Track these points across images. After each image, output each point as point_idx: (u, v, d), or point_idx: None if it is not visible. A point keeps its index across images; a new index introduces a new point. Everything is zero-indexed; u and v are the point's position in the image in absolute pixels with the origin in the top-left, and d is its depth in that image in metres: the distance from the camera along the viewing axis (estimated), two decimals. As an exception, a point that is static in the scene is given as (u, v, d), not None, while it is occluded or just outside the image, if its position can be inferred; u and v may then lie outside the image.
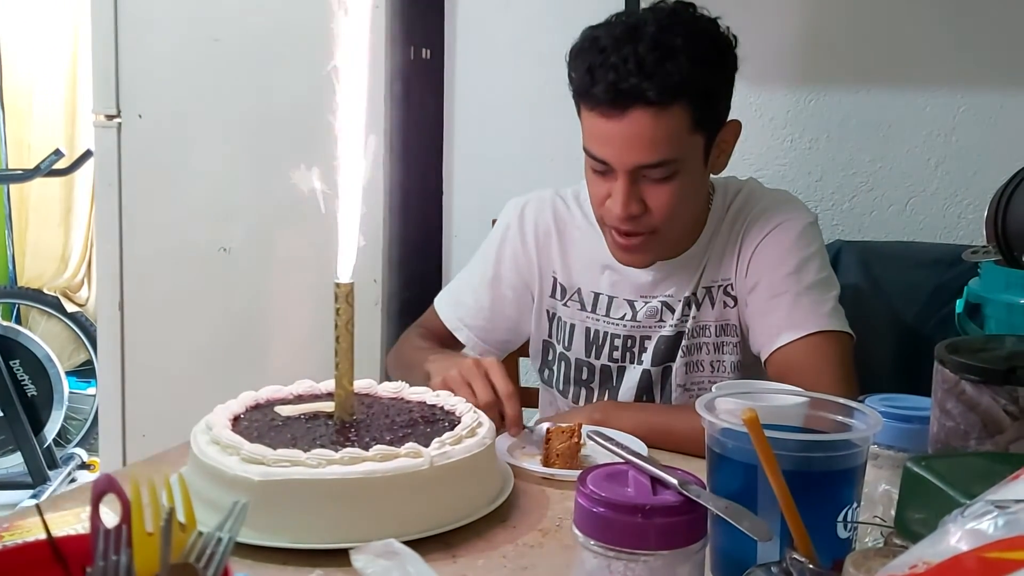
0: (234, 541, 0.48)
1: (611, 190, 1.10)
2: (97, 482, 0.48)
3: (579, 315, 1.27)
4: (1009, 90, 1.58)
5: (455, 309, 1.32)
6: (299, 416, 0.89)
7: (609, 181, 1.10)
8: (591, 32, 1.10)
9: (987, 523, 0.34)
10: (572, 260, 1.27)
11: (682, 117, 1.06)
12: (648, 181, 1.09)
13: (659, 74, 1.03)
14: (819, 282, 1.16)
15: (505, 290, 1.30)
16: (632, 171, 1.08)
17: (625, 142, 1.06)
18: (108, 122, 1.93)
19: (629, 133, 1.05)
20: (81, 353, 3.23)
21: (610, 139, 1.07)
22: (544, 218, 1.29)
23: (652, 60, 1.03)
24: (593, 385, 1.28)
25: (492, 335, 1.31)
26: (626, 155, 1.07)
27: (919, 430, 0.75)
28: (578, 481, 0.62)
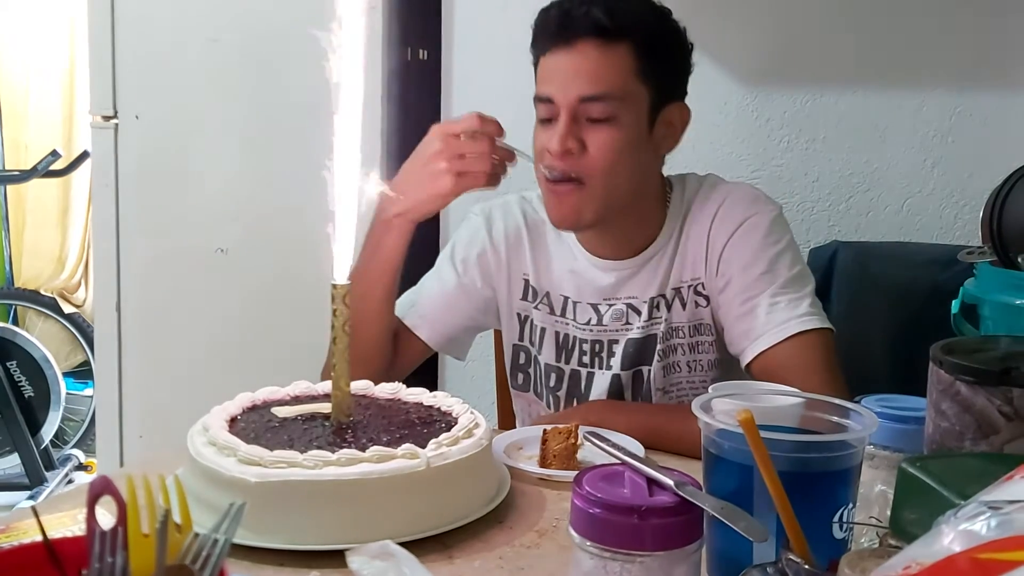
0: (230, 543, 0.48)
1: (551, 135, 1.11)
2: (93, 484, 0.48)
3: (549, 319, 1.25)
4: (1005, 91, 1.58)
5: (411, 296, 1.30)
6: (296, 417, 0.89)
7: (553, 127, 1.11)
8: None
9: (980, 524, 0.34)
10: (542, 262, 1.26)
11: (627, 57, 1.09)
12: (589, 124, 1.10)
13: (608, 4, 1.08)
14: (793, 278, 1.13)
15: (468, 286, 1.27)
16: (574, 107, 1.09)
17: (571, 72, 1.09)
18: (105, 123, 1.93)
19: (576, 63, 1.09)
20: (78, 354, 3.22)
21: (557, 71, 1.11)
22: (513, 220, 1.28)
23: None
24: (560, 393, 1.25)
25: (441, 325, 1.27)
26: (570, 85, 1.09)
27: (915, 431, 0.75)
28: (574, 482, 0.62)
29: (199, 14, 1.86)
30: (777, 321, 1.10)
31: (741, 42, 1.71)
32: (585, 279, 1.22)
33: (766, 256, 1.13)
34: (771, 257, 1.13)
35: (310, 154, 0.89)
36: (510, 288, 1.27)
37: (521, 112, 1.88)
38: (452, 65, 1.91)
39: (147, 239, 1.95)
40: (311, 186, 0.89)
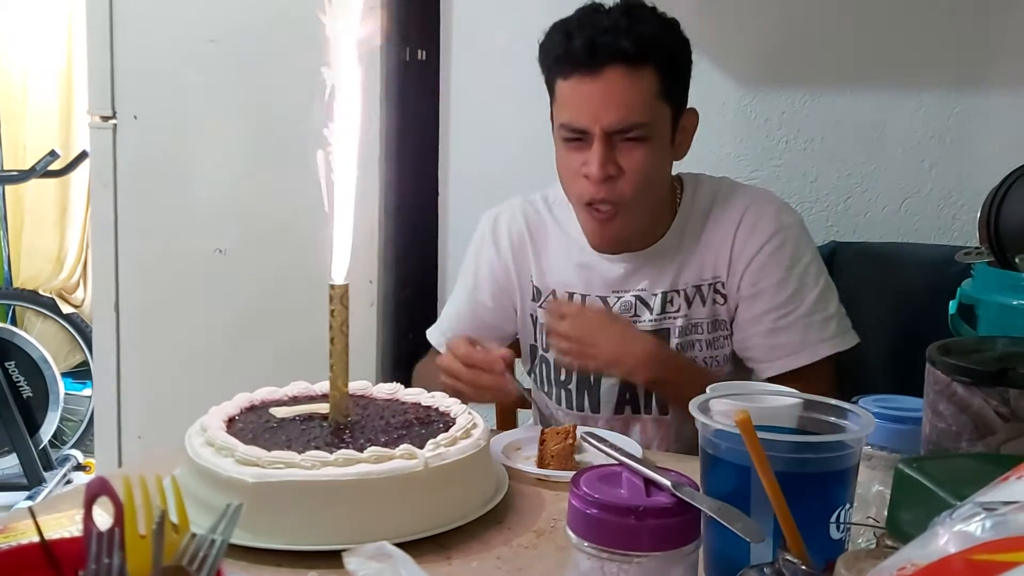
0: (227, 543, 0.49)
1: (586, 159, 1.13)
2: (90, 485, 0.48)
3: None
4: (1003, 92, 1.58)
5: (439, 326, 1.37)
6: (294, 418, 0.89)
7: (584, 151, 1.13)
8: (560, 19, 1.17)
9: (975, 525, 0.34)
10: (545, 263, 1.29)
11: (652, 81, 1.12)
12: (622, 144, 1.13)
13: (633, 32, 1.10)
14: (822, 292, 1.21)
15: (485, 299, 1.32)
16: (607, 134, 1.11)
17: (602, 101, 1.11)
18: (103, 123, 1.93)
19: (605, 92, 1.11)
20: (77, 354, 3.22)
21: (587, 100, 1.12)
22: (516, 225, 1.31)
23: (625, 21, 1.11)
24: (571, 386, 1.28)
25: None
26: (603, 115, 1.11)
27: (912, 431, 0.75)
28: (572, 483, 0.62)
29: (197, 14, 1.85)
30: (812, 341, 1.18)
31: (739, 43, 1.71)
32: (595, 272, 1.25)
33: (797, 272, 1.20)
34: (801, 273, 1.20)
35: (308, 155, 0.89)
36: (521, 293, 1.31)
37: (517, 113, 1.88)
38: (451, 65, 1.91)
39: (145, 239, 1.94)
40: (309, 187, 0.89)
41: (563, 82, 1.14)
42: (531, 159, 1.87)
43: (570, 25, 1.13)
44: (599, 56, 1.10)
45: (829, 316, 1.20)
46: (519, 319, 1.33)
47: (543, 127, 1.86)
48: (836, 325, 1.20)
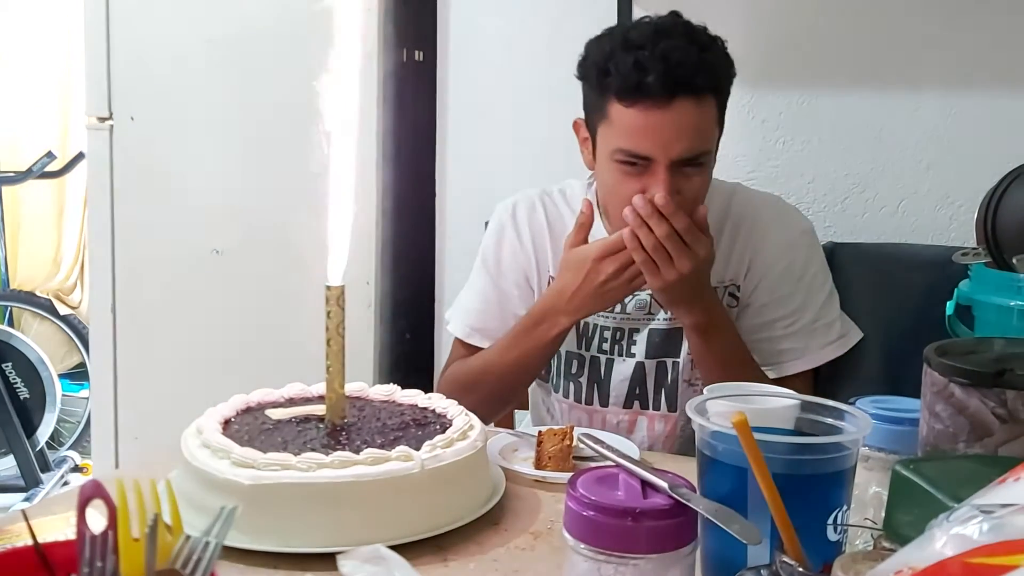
0: (221, 546, 0.48)
1: (646, 186, 1.11)
2: (84, 487, 0.48)
3: None
4: (1001, 92, 1.58)
5: (464, 318, 1.34)
6: (290, 419, 0.89)
7: (644, 178, 1.12)
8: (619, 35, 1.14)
9: (972, 528, 0.34)
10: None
11: (712, 109, 1.13)
12: (683, 174, 1.13)
13: (704, 64, 1.10)
14: (828, 297, 1.26)
15: (509, 287, 1.32)
16: (674, 163, 1.11)
17: (672, 133, 1.10)
18: (100, 124, 1.92)
19: (676, 123, 1.10)
20: (74, 356, 3.21)
21: (657, 130, 1.10)
22: (536, 216, 1.32)
23: (695, 51, 1.10)
24: (582, 379, 1.29)
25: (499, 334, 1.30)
26: (673, 145, 1.10)
27: (910, 432, 0.75)
28: (568, 484, 0.62)
29: (195, 16, 1.85)
30: (815, 347, 1.23)
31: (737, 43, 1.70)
32: None
33: (807, 281, 1.25)
34: (810, 282, 1.25)
35: (306, 156, 0.88)
36: (540, 284, 1.31)
37: (515, 114, 1.88)
38: (448, 66, 1.91)
39: (142, 241, 1.94)
40: (307, 188, 0.89)
41: (623, 108, 1.11)
42: (529, 160, 1.87)
43: (640, 56, 1.09)
44: (672, 89, 1.09)
45: (832, 321, 1.25)
46: None
47: (542, 127, 1.86)
48: (839, 328, 1.25)
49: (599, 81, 1.13)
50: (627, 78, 1.10)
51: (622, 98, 1.11)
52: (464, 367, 1.30)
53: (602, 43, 1.15)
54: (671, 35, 1.11)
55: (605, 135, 1.15)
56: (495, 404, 1.30)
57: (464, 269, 1.91)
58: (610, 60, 1.12)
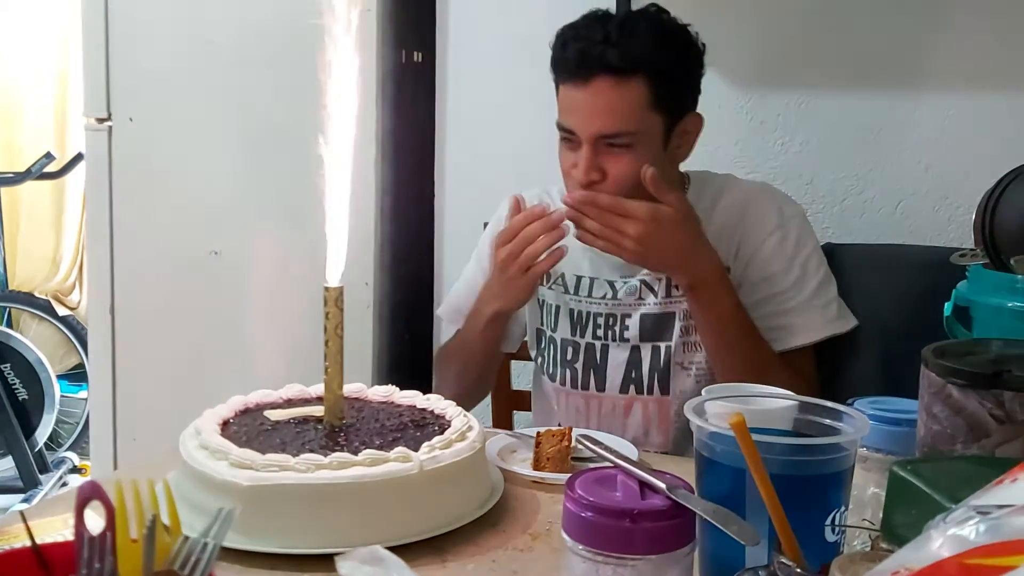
0: (219, 547, 0.48)
1: (576, 160, 1.20)
2: (82, 488, 0.48)
3: (563, 298, 1.33)
4: (999, 93, 1.59)
5: (450, 300, 1.43)
6: (288, 420, 0.89)
7: (575, 152, 1.20)
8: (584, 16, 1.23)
9: (969, 529, 0.34)
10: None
11: (641, 91, 1.16)
12: (607, 150, 1.19)
13: (622, 45, 1.15)
14: (822, 280, 1.28)
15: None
16: (594, 140, 1.17)
17: (589, 110, 1.17)
18: (99, 125, 1.92)
19: (592, 101, 1.17)
20: (72, 356, 3.21)
21: (576, 107, 1.18)
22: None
23: (617, 34, 1.16)
24: (578, 365, 1.32)
25: None
26: (589, 122, 1.17)
27: (907, 433, 0.75)
28: (566, 485, 0.62)
29: (194, 16, 1.85)
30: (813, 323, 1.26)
31: (735, 44, 1.72)
32: (603, 257, 1.28)
33: (800, 261, 1.27)
34: (804, 262, 1.27)
35: (305, 157, 0.88)
36: None
37: (514, 115, 1.88)
38: (447, 67, 1.90)
39: (141, 241, 1.94)
40: (306, 189, 0.89)
41: (561, 86, 1.21)
42: (528, 161, 1.87)
43: (567, 34, 1.19)
44: (587, 66, 1.16)
45: (829, 301, 1.28)
46: (528, 303, 1.35)
47: (540, 129, 1.85)
48: (836, 309, 1.28)
49: (550, 63, 1.23)
50: (555, 56, 1.20)
51: (555, 76, 1.21)
52: (445, 345, 1.44)
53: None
54: (607, 19, 1.19)
55: (558, 107, 1.23)
56: (466, 379, 1.41)
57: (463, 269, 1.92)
58: (555, 41, 1.22)
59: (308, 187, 0.88)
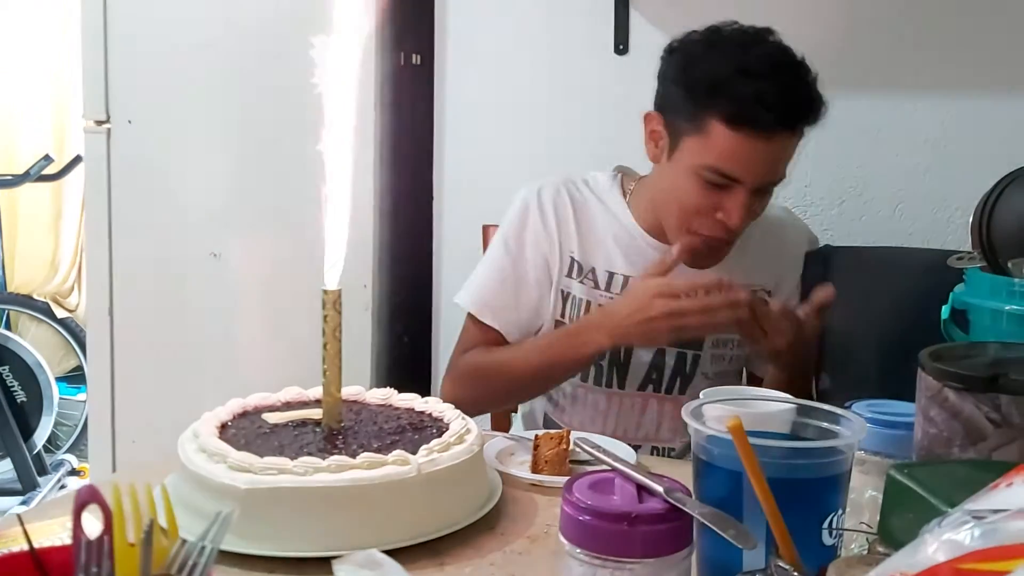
0: (216, 551, 0.48)
1: (722, 203, 1.16)
2: (80, 492, 0.48)
3: (593, 293, 1.29)
4: (997, 95, 1.59)
5: (478, 292, 1.31)
6: (287, 423, 0.89)
7: (723, 195, 1.16)
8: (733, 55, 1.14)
9: (964, 534, 0.34)
10: (590, 239, 1.30)
11: (801, 138, 1.18)
12: (756, 194, 1.17)
13: (814, 103, 1.15)
14: None
15: (527, 270, 1.30)
16: (758, 187, 1.16)
17: (767, 162, 1.15)
18: (98, 127, 1.92)
19: (773, 154, 1.15)
20: (71, 359, 3.21)
21: (750, 157, 1.14)
22: (562, 198, 1.31)
23: (807, 90, 1.15)
24: (603, 362, 1.30)
25: (518, 317, 1.30)
26: (763, 173, 1.16)
27: (905, 436, 0.75)
28: (564, 489, 0.62)
29: (192, 19, 1.85)
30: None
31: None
32: (644, 258, 1.27)
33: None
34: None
35: (303, 159, 0.89)
36: (560, 265, 1.30)
37: (512, 117, 1.88)
38: (445, 70, 1.91)
39: (140, 244, 1.94)
40: (304, 191, 0.89)
41: (727, 130, 1.12)
42: (527, 163, 1.87)
43: (762, 89, 1.11)
44: (784, 123, 1.13)
45: None
46: (552, 294, 1.31)
47: (539, 130, 1.86)
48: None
49: (707, 96, 1.13)
50: (743, 106, 1.11)
51: (731, 122, 1.12)
52: (482, 358, 1.28)
53: (713, 58, 1.15)
54: (788, 68, 1.14)
55: (694, 148, 1.16)
56: (501, 401, 1.35)
57: (462, 272, 1.91)
58: (726, 83, 1.12)
59: (307, 189, 0.88)
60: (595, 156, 1.82)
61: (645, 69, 1.78)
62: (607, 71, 1.80)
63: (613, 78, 1.80)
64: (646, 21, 1.77)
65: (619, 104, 1.80)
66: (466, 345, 1.31)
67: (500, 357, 1.26)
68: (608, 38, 1.78)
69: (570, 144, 1.84)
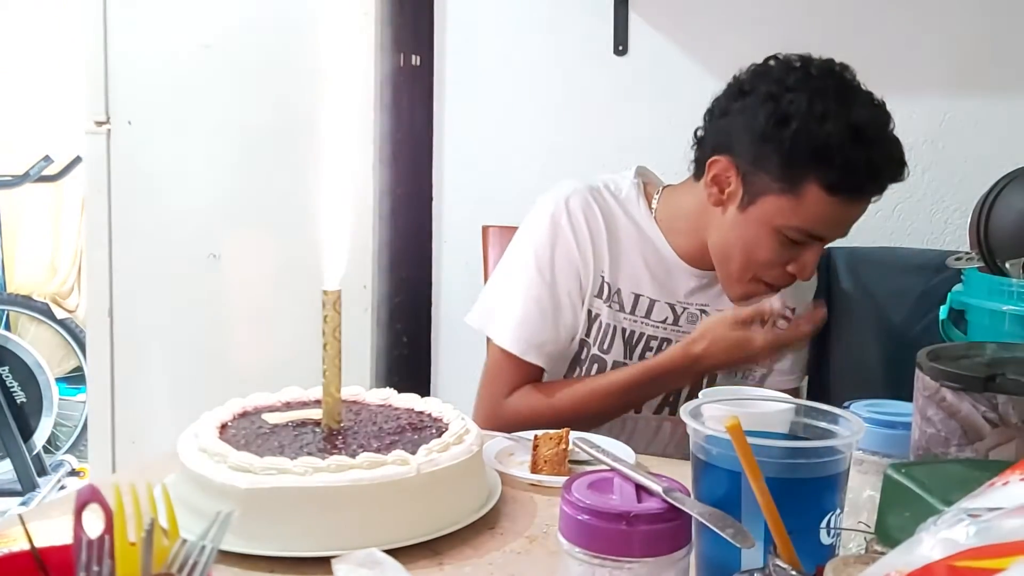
0: (216, 550, 0.49)
1: (796, 256, 1.14)
2: (80, 492, 0.48)
3: (618, 316, 1.24)
4: (995, 96, 1.59)
5: (520, 332, 1.22)
6: (287, 424, 0.89)
7: (795, 248, 1.13)
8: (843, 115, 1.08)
9: (959, 532, 0.34)
10: (620, 259, 1.24)
11: None
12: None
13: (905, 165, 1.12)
14: None
15: (562, 295, 1.23)
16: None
17: (850, 222, 1.14)
18: (98, 128, 1.93)
19: (856, 216, 1.14)
20: (71, 359, 3.21)
21: (843, 221, 1.13)
22: (592, 212, 1.24)
23: (899, 155, 1.11)
24: None
25: (560, 346, 1.24)
26: (844, 231, 1.15)
27: (903, 436, 0.75)
28: (563, 488, 0.62)
29: (191, 20, 1.86)
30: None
31: (730, 49, 1.72)
32: (674, 280, 1.25)
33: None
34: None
35: (302, 160, 0.89)
36: (592, 284, 1.24)
37: (511, 118, 1.89)
38: (445, 71, 1.91)
39: (139, 244, 1.94)
40: (303, 192, 0.89)
41: (825, 195, 1.08)
42: (526, 164, 1.87)
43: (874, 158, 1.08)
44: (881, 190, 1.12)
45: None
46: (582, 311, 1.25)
47: (538, 131, 1.87)
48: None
49: (810, 161, 1.08)
50: (851, 176, 1.07)
51: (831, 190, 1.08)
52: (540, 403, 1.20)
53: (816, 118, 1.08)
54: (890, 130, 1.12)
55: (782, 207, 1.11)
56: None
57: (462, 272, 1.92)
58: (836, 151, 1.07)
59: (306, 190, 0.88)
60: (595, 156, 1.83)
61: (644, 70, 1.80)
62: (606, 72, 1.80)
63: (613, 79, 1.80)
64: (645, 22, 1.77)
65: (619, 104, 1.80)
66: (507, 386, 1.22)
67: (564, 402, 1.19)
68: (607, 39, 1.79)
69: (570, 144, 1.85)
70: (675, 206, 1.26)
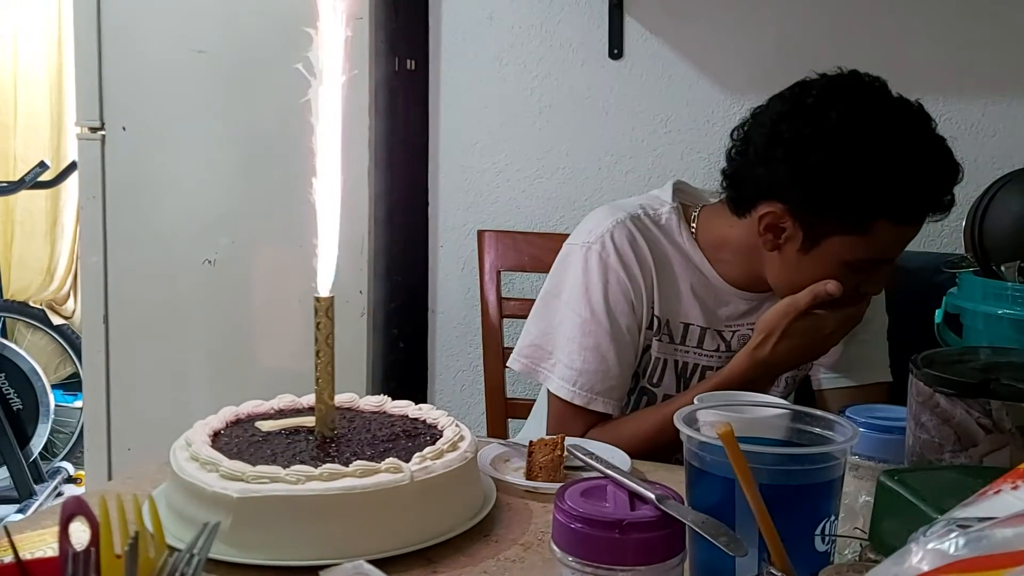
0: (204, 561, 0.48)
1: (866, 279, 1.11)
2: (66, 504, 0.48)
3: (668, 348, 1.22)
4: (990, 99, 1.59)
5: (583, 382, 1.19)
6: (280, 431, 0.89)
7: (864, 272, 1.11)
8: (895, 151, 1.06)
9: (948, 543, 0.34)
10: (669, 292, 1.21)
11: None
12: None
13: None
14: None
15: (622, 334, 1.19)
16: None
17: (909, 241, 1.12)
18: (92, 134, 1.92)
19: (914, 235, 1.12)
20: (67, 366, 3.21)
21: (903, 242, 1.11)
22: (639, 247, 1.20)
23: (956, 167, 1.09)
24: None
25: (624, 386, 1.21)
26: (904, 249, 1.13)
27: (899, 441, 0.75)
28: (556, 496, 0.62)
29: (186, 25, 1.85)
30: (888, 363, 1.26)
31: (727, 51, 1.72)
32: (724, 306, 1.22)
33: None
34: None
35: (297, 165, 0.88)
36: (645, 319, 1.22)
37: (507, 122, 1.89)
38: (440, 75, 1.91)
39: (135, 250, 1.94)
40: (298, 197, 0.89)
41: (893, 227, 1.06)
42: (522, 168, 1.87)
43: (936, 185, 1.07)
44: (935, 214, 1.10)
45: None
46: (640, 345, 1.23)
47: (533, 136, 1.87)
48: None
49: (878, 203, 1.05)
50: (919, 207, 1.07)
51: (900, 221, 1.06)
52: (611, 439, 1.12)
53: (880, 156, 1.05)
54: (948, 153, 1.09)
55: (850, 245, 1.08)
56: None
57: (457, 276, 1.92)
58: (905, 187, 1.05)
59: (301, 195, 0.88)
60: (591, 161, 1.83)
61: (639, 73, 1.80)
62: (602, 76, 1.80)
63: (608, 83, 1.80)
64: (640, 26, 1.77)
65: (614, 108, 1.80)
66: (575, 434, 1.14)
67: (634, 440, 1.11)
68: (603, 43, 1.79)
69: (565, 148, 1.85)
70: (718, 235, 1.21)
